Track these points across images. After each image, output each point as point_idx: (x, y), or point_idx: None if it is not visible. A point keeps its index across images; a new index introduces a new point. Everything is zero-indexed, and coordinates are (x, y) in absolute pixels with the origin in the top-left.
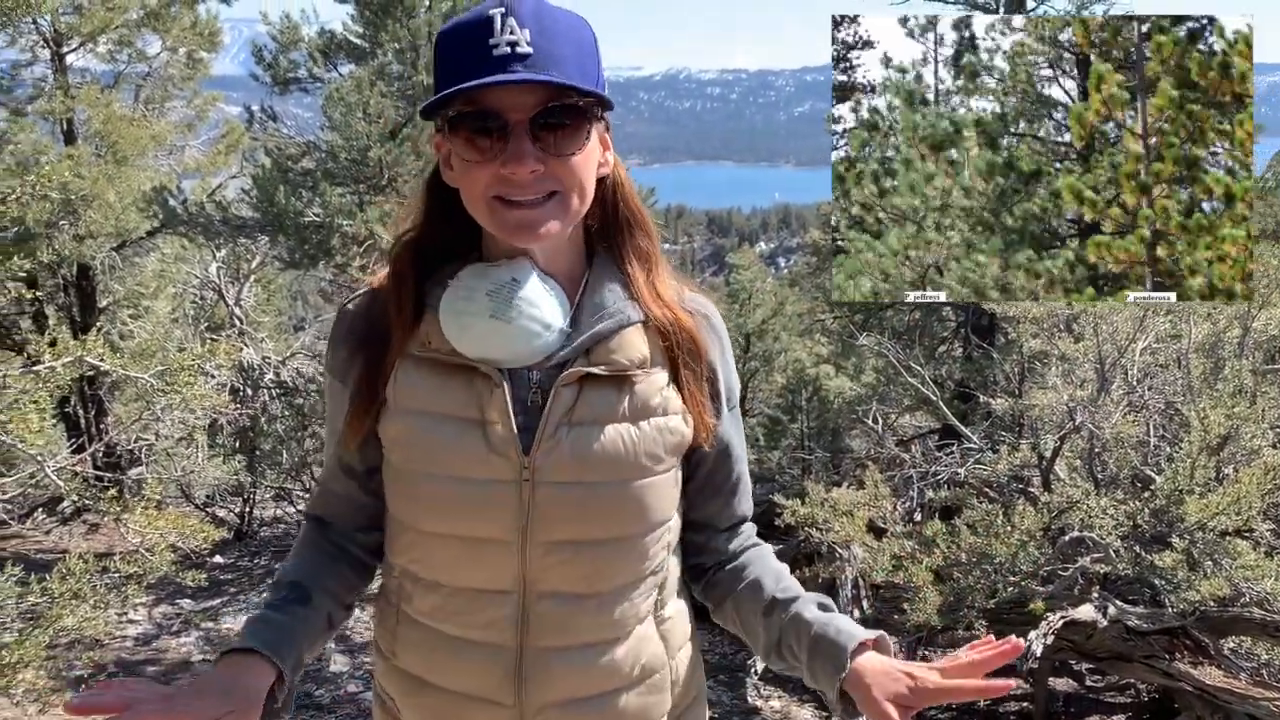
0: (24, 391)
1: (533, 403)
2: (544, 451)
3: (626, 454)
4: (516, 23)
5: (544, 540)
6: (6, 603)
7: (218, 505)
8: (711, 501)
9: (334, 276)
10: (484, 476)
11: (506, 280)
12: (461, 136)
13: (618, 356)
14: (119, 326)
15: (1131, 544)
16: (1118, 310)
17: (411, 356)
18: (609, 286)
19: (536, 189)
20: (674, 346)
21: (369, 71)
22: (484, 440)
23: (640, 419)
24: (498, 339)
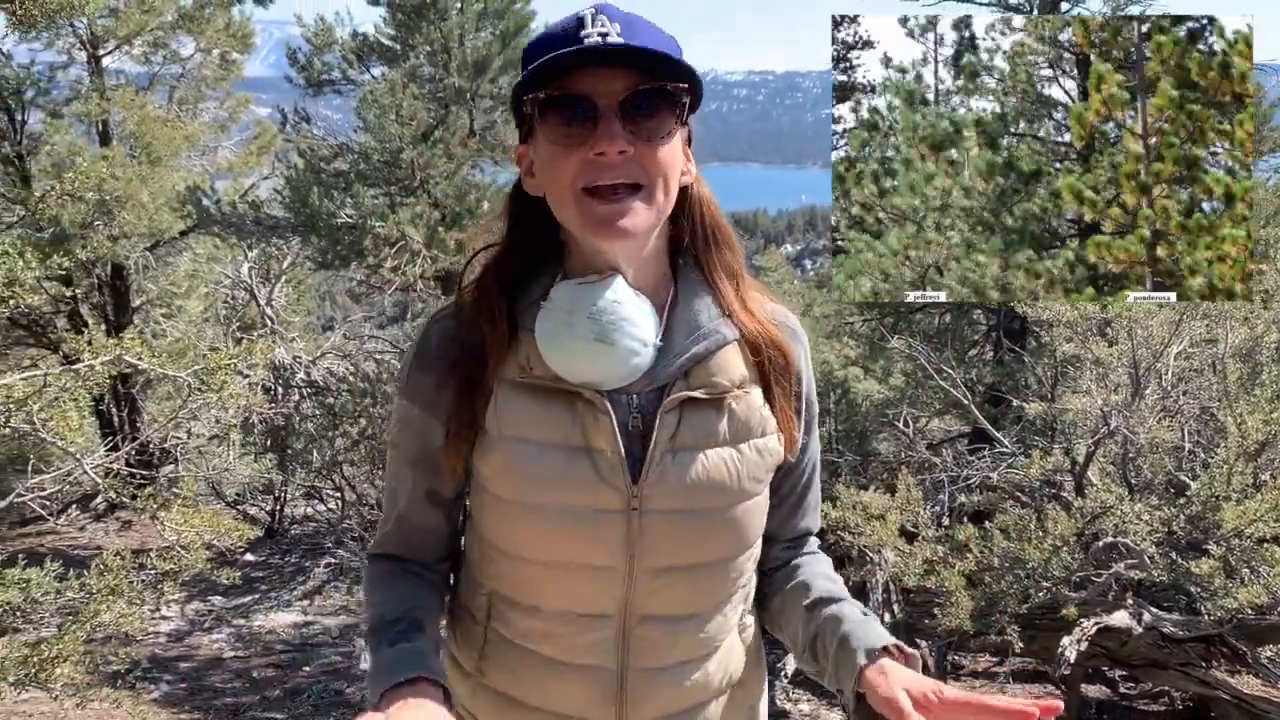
0: (64, 389)
1: (633, 427)
2: (651, 480)
3: (730, 479)
4: (607, 19)
5: (650, 567)
6: (45, 598)
7: (248, 503)
8: (776, 513)
9: (365, 277)
10: (592, 506)
11: (607, 300)
12: (550, 123)
13: (718, 378)
14: (152, 325)
15: (1167, 550)
16: (1152, 314)
17: (510, 381)
18: (700, 302)
19: (623, 172)
20: (765, 362)
21: (401, 74)
22: (592, 469)
23: (740, 441)
24: (601, 362)
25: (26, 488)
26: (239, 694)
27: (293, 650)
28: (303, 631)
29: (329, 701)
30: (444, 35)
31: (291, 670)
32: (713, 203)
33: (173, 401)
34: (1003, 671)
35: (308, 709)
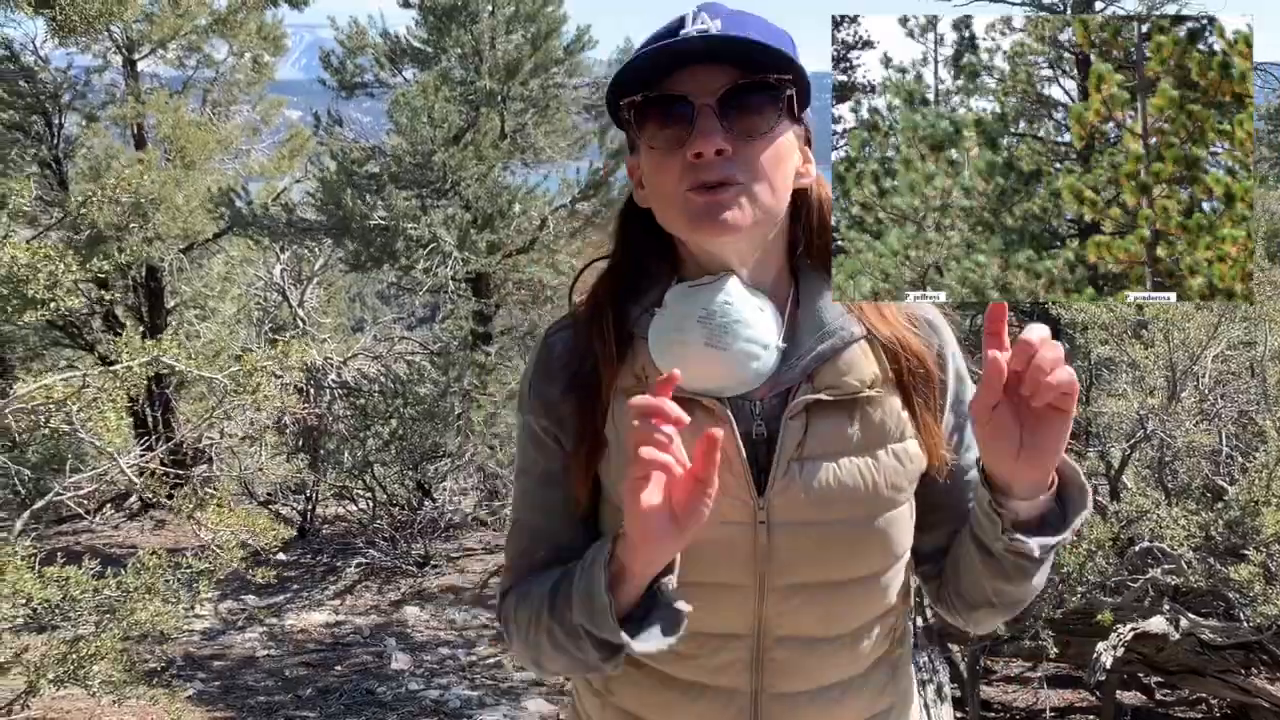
0: (102, 390)
1: (758, 435)
2: (778, 491)
3: (865, 488)
4: (709, 15)
5: (782, 584)
6: (83, 596)
7: (280, 503)
8: (946, 525)
9: (397, 279)
10: (717, 519)
11: (718, 303)
12: (649, 126)
13: (846, 379)
14: (186, 327)
15: (1204, 556)
16: (1190, 317)
17: (627, 391)
18: (824, 300)
19: (723, 173)
20: (903, 372)
21: (433, 76)
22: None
23: (876, 447)
24: (716, 368)
25: (64, 487)
26: (271, 693)
27: (324, 649)
28: (334, 631)
29: (360, 700)
30: (475, 38)
31: (323, 669)
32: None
33: (206, 402)
34: (1036, 677)
35: (339, 708)
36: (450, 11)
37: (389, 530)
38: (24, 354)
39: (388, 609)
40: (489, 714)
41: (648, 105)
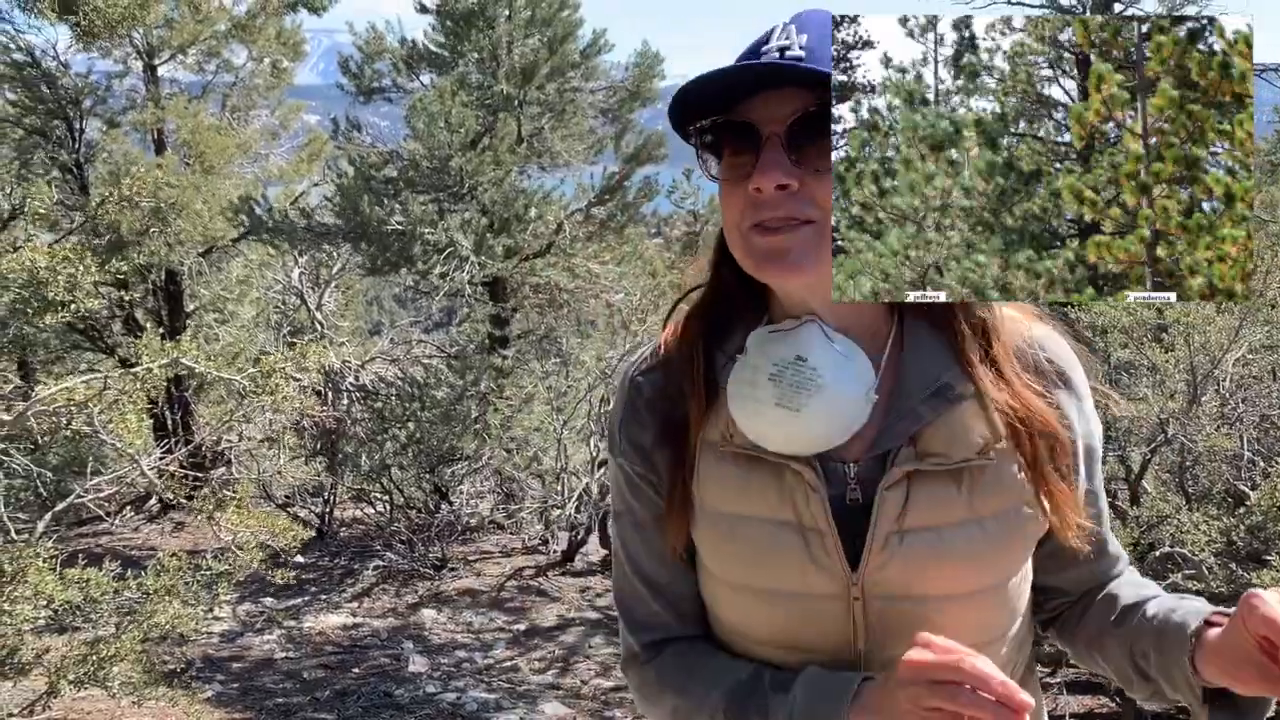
0: (123, 392)
1: (852, 500)
2: (874, 567)
3: (973, 562)
4: (797, 28)
5: (885, 658)
6: (103, 597)
7: (298, 505)
8: (1068, 571)
9: (414, 283)
10: (804, 590)
11: (790, 359)
12: (712, 154)
13: (954, 445)
14: (204, 330)
15: (1226, 561)
16: (1211, 320)
17: (714, 447)
18: (930, 350)
19: (787, 210)
20: (1026, 444)
21: (450, 81)
22: (804, 550)
23: (987, 515)
24: (791, 429)
25: (85, 489)
26: (289, 694)
27: (342, 652)
28: (352, 633)
29: (378, 703)
30: (492, 43)
31: (341, 671)
32: None
33: (225, 405)
34: (1056, 682)
35: (357, 710)
36: (467, 17)
37: (406, 533)
38: (45, 357)
39: (405, 612)
40: (505, 717)
41: (712, 132)
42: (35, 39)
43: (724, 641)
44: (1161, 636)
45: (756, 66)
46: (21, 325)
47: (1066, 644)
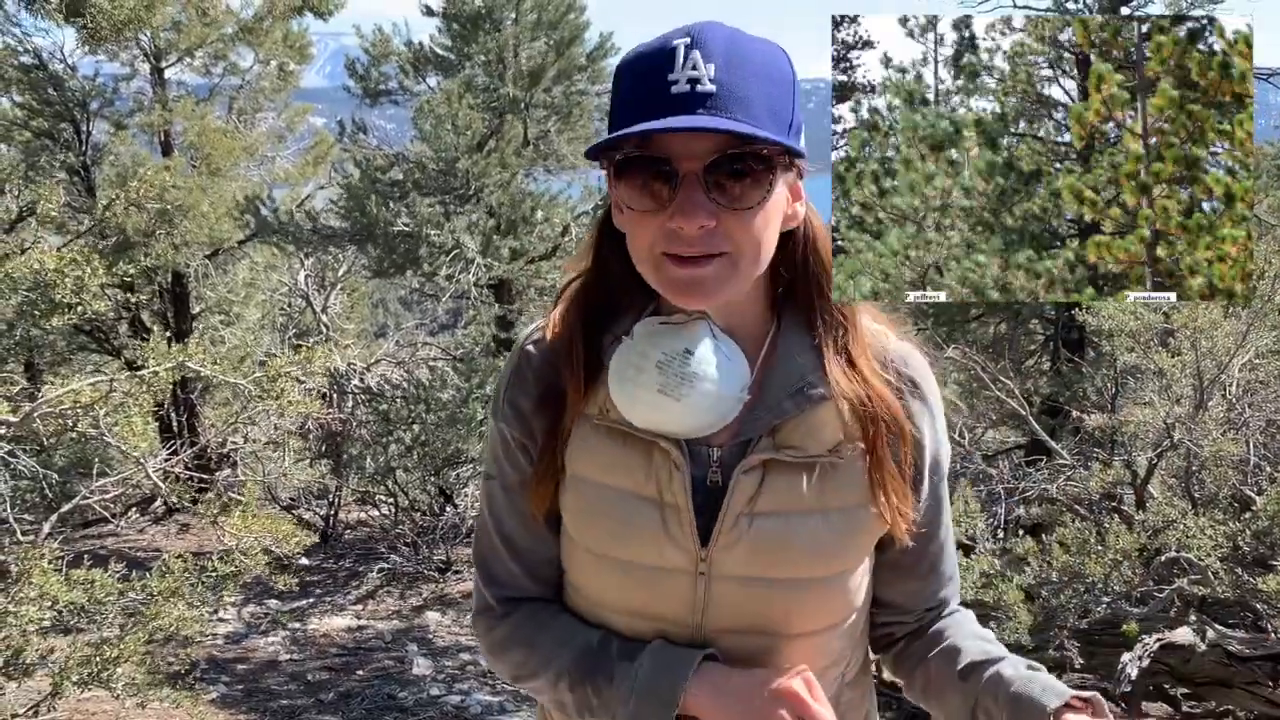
0: (128, 394)
1: (713, 483)
2: (723, 545)
3: (814, 550)
4: (701, 56)
5: (717, 630)
6: (108, 598)
7: (302, 507)
8: (904, 583)
9: (420, 285)
10: (658, 564)
11: (678, 351)
12: (628, 183)
13: (808, 440)
14: (210, 332)
15: (1232, 566)
16: (1218, 325)
17: (589, 420)
18: (799, 353)
19: (704, 245)
20: (871, 428)
21: (457, 84)
22: (661, 525)
23: (832, 510)
24: (667, 413)
25: (90, 490)
26: (294, 696)
27: (346, 654)
28: (356, 636)
29: (382, 705)
30: (499, 45)
31: (345, 674)
32: (820, 242)
33: (230, 407)
34: None
35: (361, 712)
36: (474, 19)
37: (411, 536)
38: (51, 359)
39: (409, 614)
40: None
41: (628, 164)
42: (43, 41)
43: (578, 605)
44: (1015, 707)
45: (685, 122)
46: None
47: (902, 677)
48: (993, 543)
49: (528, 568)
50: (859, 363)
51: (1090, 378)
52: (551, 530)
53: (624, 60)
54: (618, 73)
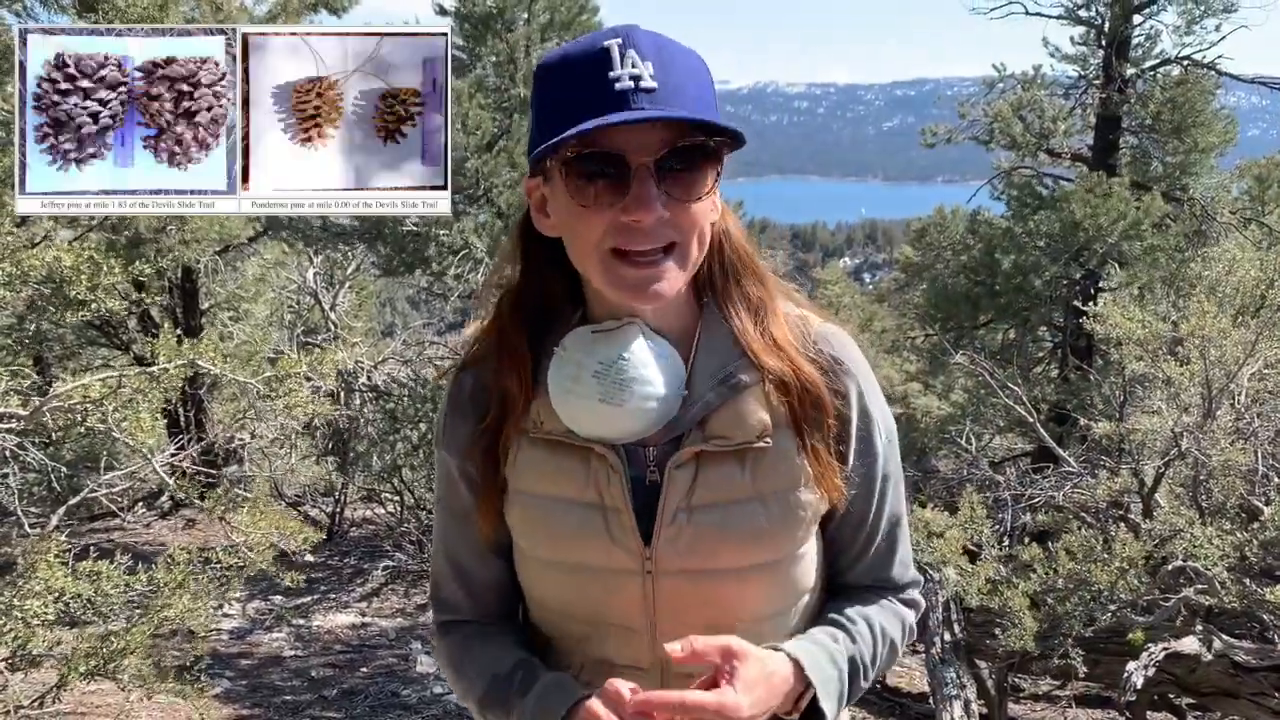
0: (138, 390)
1: (651, 482)
2: (664, 541)
3: (755, 537)
4: (637, 54)
5: (673, 628)
6: (114, 591)
7: (308, 504)
8: (838, 561)
9: (429, 284)
10: (606, 565)
11: (614, 358)
12: (575, 179)
13: (735, 428)
14: (219, 328)
15: (1239, 576)
16: (1226, 334)
17: (525, 434)
18: (719, 344)
19: (657, 237)
20: (796, 403)
21: (468, 83)
22: (605, 529)
23: (767, 495)
24: (609, 421)
25: (98, 484)
26: (297, 692)
27: (350, 651)
28: (360, 633)
29: (385, 703)
30: (510, 46)
31: (349, 671)
32: (735, 232)
33: (238, 403)
34: (1065, 696)
35: (364, 709)
36: (486, 19)
37: (416, 534)
38: (61, 353)
39: (413, 612)
40: None
41: (577, 161)
42: None
43: (539, 619)
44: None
45: (653, 114)
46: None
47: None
48: (999, 549)
49: (471, 592)
50: (780, 341)
51: (1098, 385)
52: (501, 556)
53: (547, 62)
54: (542, 74)
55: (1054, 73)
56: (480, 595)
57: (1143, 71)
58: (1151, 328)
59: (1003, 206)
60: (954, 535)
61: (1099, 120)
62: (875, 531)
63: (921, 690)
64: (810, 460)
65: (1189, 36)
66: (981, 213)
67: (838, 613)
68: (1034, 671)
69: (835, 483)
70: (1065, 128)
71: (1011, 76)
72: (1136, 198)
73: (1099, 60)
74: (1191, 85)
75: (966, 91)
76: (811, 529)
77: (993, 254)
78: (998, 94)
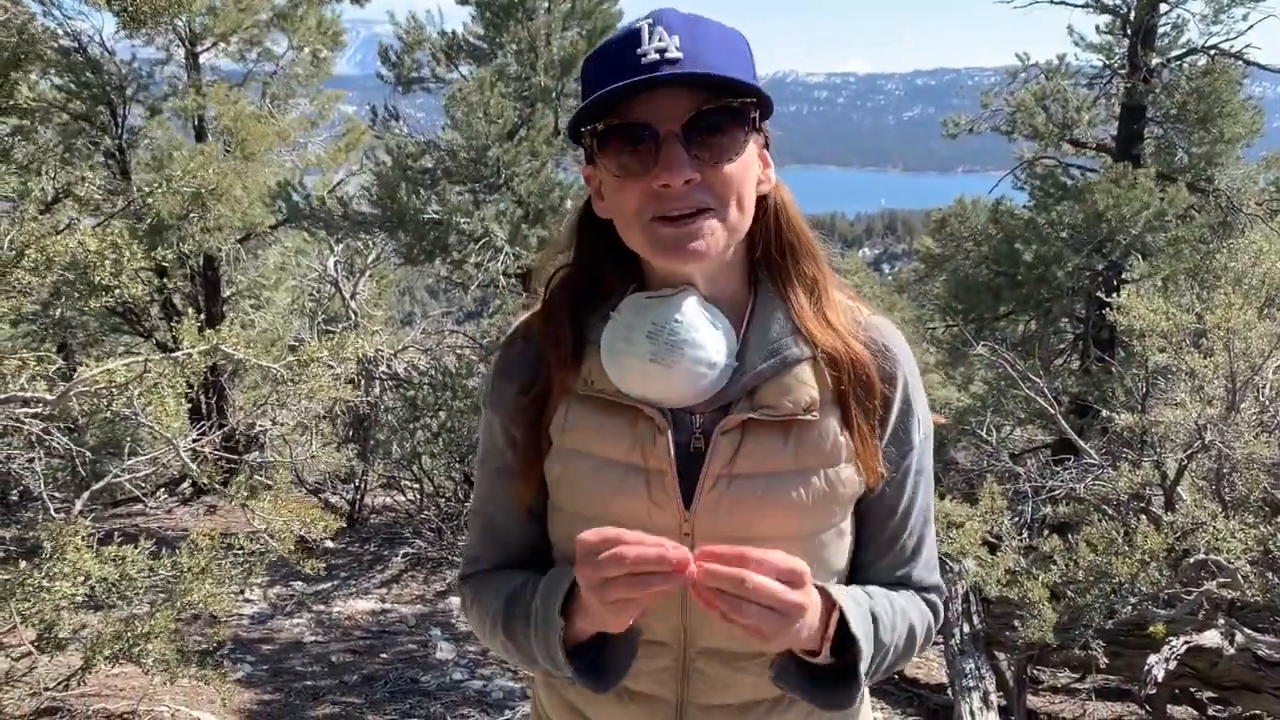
0: (162, 375)
1: (695, 449)
2: (704, 507)
3: (794, 509)
4: (665, 30)
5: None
6: (139, 575)
7: (329, 491)
8: (863, 553)
9: (449, 273)
10: (645, 526)
11: (669, 319)
12: (610, 153)
13: (784, 399)
14: (241, 315)
15: (1262, 570)
16: (1251, 326)
17: (575, 394)
18: (773, 317)
19: (691, 201)
20: (844, 381)
21: (489, 72)
22: (646, 490)
23: (809, 469)
24: (659, 382)
25: (121, 470)
26: (318, 678)
27: (370, 637)
28: (380, 619)
29: (405, 689)
30: (531, 34)
31: (369, 657)
32: (790, 208)
33: (259, 390)
34: (1085, 688)
35: (384, 695)
36: (507, 8)
37: (436, 521)
38: (84, 339)
39: (433, 599)
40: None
41: (609, 133)
42: (82, 25)
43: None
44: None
45: (665, 74)
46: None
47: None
48: (1019, 541)
49: (503, 550)
50: (833, 321)
51: (1120, 377)
52: (535, 520)
53: (590, 53)
54: (585, 65)
55: (1078, 62)
56: (510, 554)
57: (1168, 61)
58: (1175, 319)
59: (1025, 197)
60: (974, 526)
61: (1124, 110)
62: (904, 525)
63: (940, 681)
64: (854, 438)
65: (1216, 25)
66: (1003, 203)
67: (859, 587)
68: (1053, 663)
69: (875, 462)
70: (1089, 118)
71: (1035, 66)
72: (1161, 188)
73: (1124, 49)
74: (1218, 75)
75: (988, 81)
76: (849, 508)
77: (1014, 244)
78: (1020, 84)
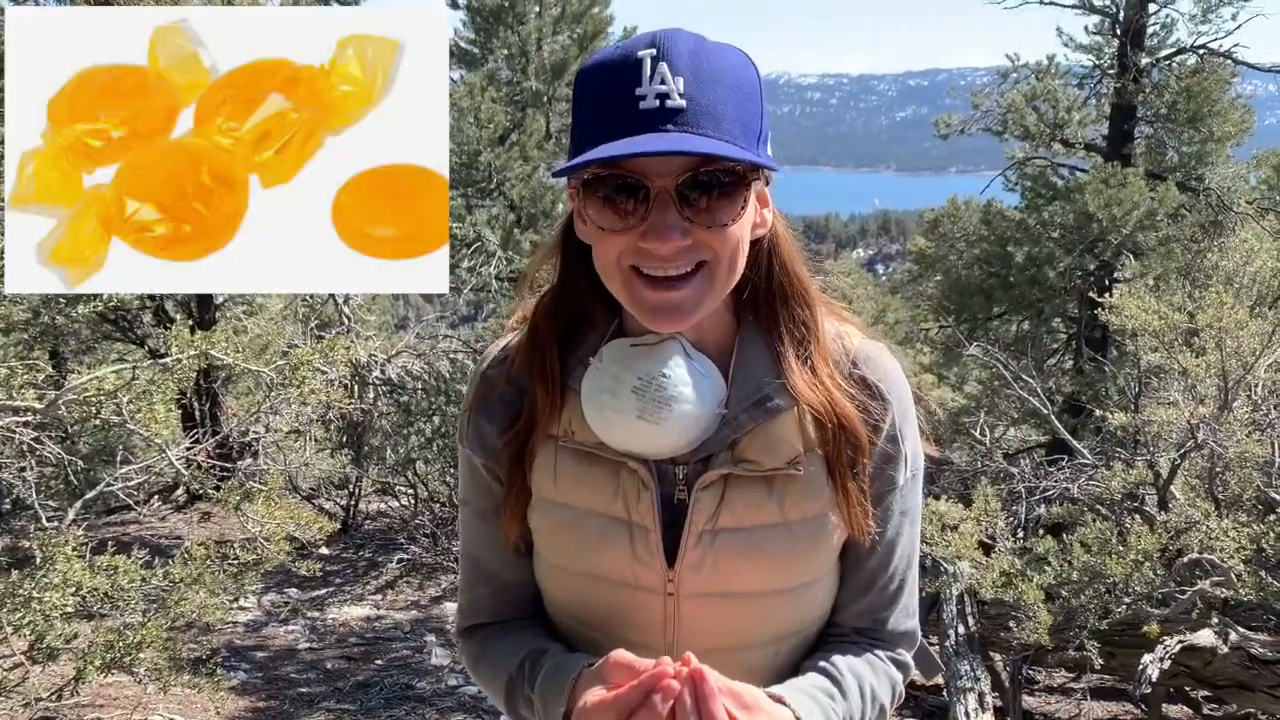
0: (152, 382)
1: (679, 500)
2: (688, 565)
3: (780, 562)
4: (669, 68)
5: (690, 648)
6: (131, 585)
7: (323, 497)
8: (840, 590)
9: None
10: (627, 581)
11: (655, 373)
12: (596, 201)
13: (766, 454)
14: (233, 322)
15: (1255, 568)
16: (1243, 325)
17: (554, 441)
18: (757, 366)
19: (678, 263)
20: (829, 438)
21: (480, 77)
22: (629, 545)
23: (794, 520)
24: (645, 437)
25: (114, 477)
26: (312, 685)
27: (364, 644)
28: (374, 625)
29: (399, 695)
30: (522, 39)
31: (363, 663)
32: (783, 247)
33: (252, 396)
34: (1080, 688)
35: (379, 701)
36: (498, 13)
37: (430, 527)
38: (76, 347)
39: (427, 605)
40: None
41: (596, 182)
42: None
43: (558, 622)
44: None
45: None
46: (54, 315)
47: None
48: (1013, 542)
49: (494, 591)
50: (820, 374)
51: (1113, 377)
52: (525, 556)
53: (586, 68)
54: (579, 81)
55: (1068, 62)
56: (503, 596)
57: (1158, 61)
58: (1167, 319)
59: (1016, 197)
60: (968, 528)
61: (1114, 110)
62: (884, 566)
63: (935, 682)
64: (838, 494)
65: (1204, 25)
66: (995, 204)
67: (829, 664)
68: (1049, 664)
69: (864, 524)
70: (1079, 118)
71: (1025, 66)
72: (1152, 188)
73: (1113, 50)
74: (1207, 74)
75: (980, 81)
76: (834, 556)
77: (1006, 245)
78: (1011, 84)
